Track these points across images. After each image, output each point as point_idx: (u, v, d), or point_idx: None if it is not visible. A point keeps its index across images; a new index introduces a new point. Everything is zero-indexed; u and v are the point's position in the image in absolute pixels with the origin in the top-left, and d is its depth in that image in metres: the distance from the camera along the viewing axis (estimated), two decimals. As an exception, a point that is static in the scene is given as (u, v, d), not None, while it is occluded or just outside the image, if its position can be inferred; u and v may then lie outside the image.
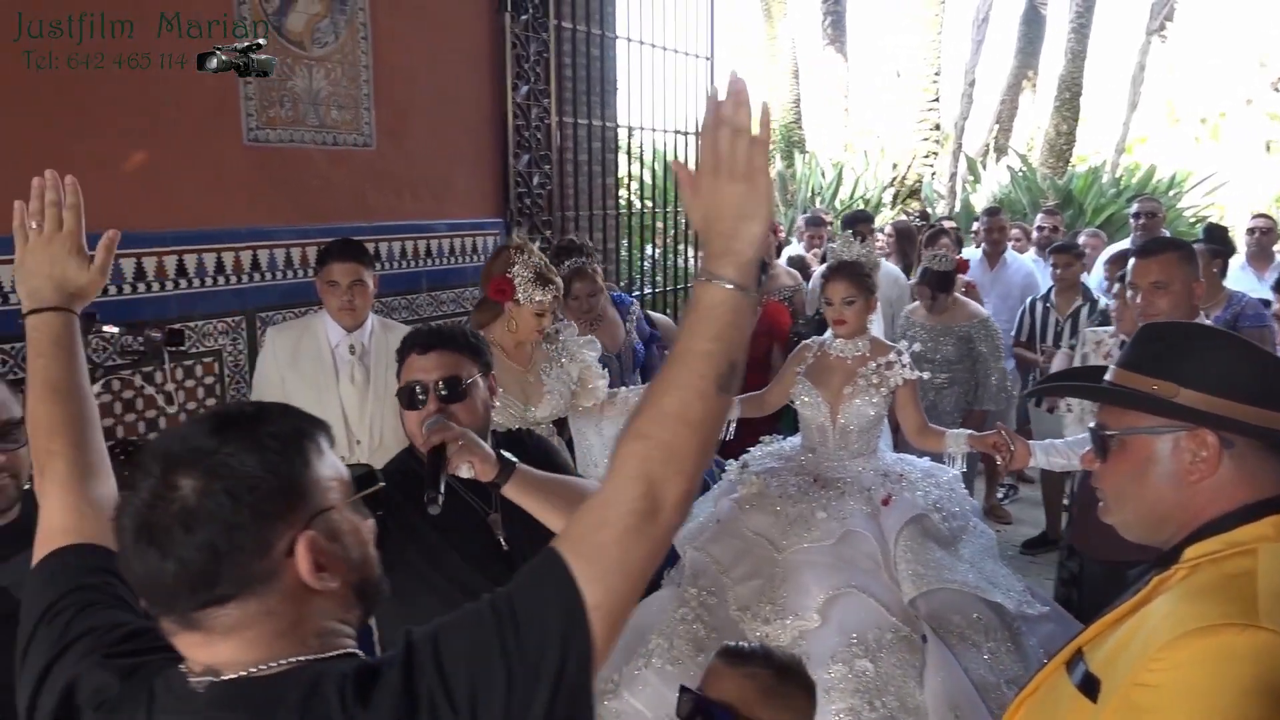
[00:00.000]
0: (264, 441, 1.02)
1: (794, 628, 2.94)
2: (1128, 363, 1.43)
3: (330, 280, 3.29)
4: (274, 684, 1.00)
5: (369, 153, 4.17)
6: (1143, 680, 1.18)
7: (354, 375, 3.35)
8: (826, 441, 3.45)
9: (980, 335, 4.93)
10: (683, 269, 6.65)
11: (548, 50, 5.03)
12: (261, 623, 1.01)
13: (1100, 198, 11.61)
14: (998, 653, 2.94)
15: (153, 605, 1.02)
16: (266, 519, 1.00)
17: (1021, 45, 15.90)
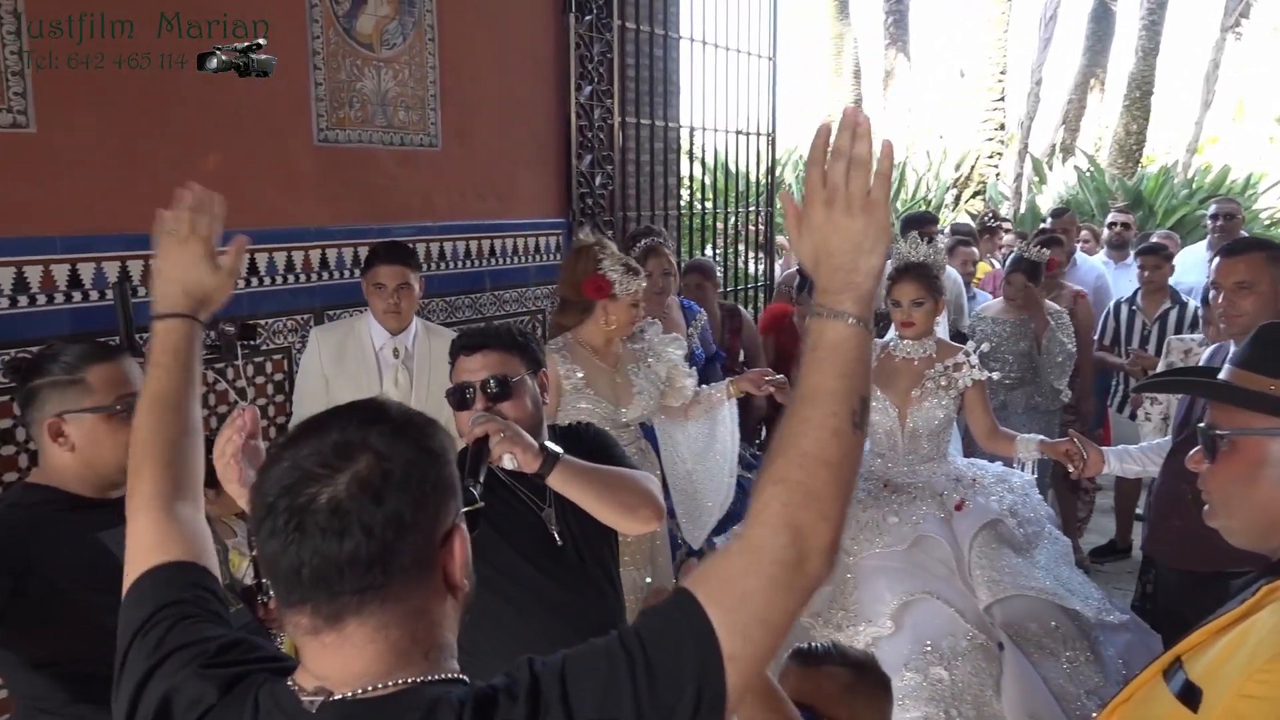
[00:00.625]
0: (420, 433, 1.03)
1: (867, 634, 2.89)
2: (1245, 362, 1.40)
3: (377, 283, 3.29)
4: (387, 706, 0.97)
5: (435, 153, 4.21)
6: (1249, 692, 1.15)
7: (398, 379, 3.35)
8: (896, 447, 3.40)
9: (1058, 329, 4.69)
10: (742, 270, 6.62)
11: (611, 51, 5.04)
12: (409, 622, 0.99)
13: (1172, 199, 11.32)
14: (1076, 662, 2.87)
15: (302, 596, 0.97)
16: (441, 501, 1.01)
17: (1090, 43, 15.58)
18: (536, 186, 4.81)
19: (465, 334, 2.14)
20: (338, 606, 0.96)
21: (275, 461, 1.00)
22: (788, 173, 13.02)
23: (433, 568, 1.01)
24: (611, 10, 5.00)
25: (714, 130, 5.99)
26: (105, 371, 1.86)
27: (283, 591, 0.98)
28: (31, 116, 2.91)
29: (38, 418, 1.83)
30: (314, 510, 0.95)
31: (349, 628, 0.97)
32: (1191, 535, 1.41)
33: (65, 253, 3.03)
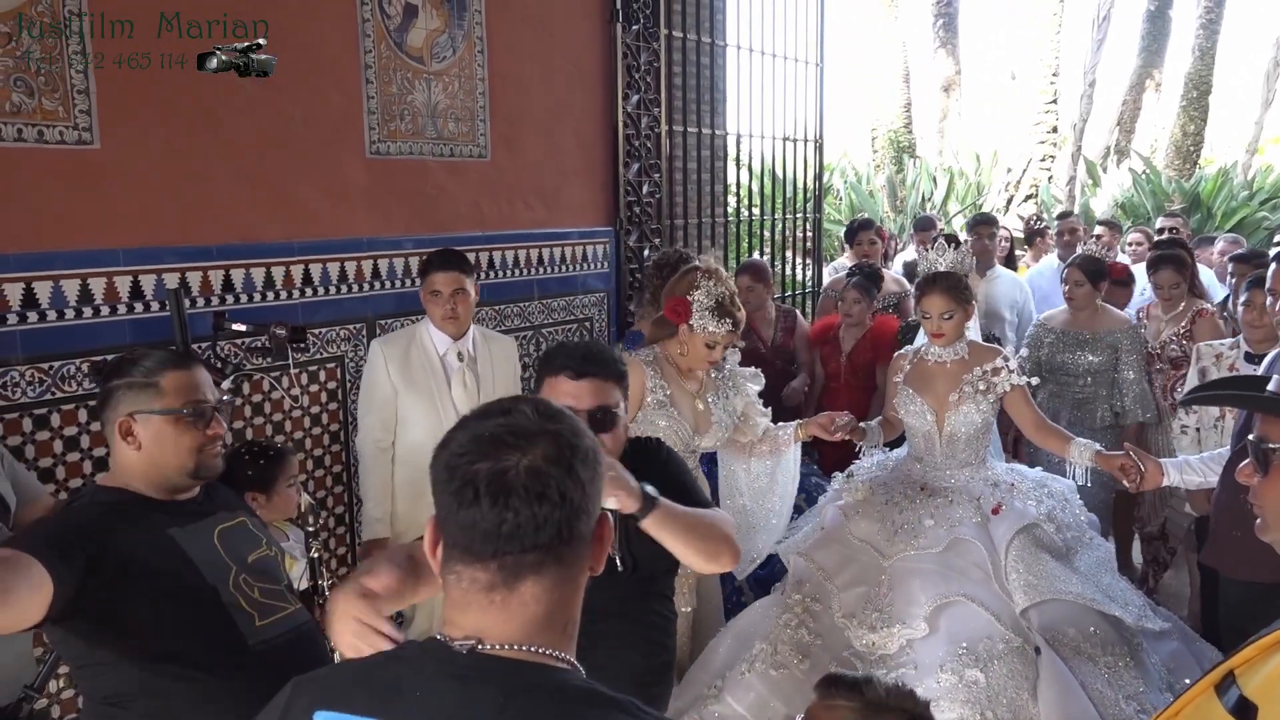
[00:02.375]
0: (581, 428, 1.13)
1: (901, 636, 2.92)
2: None
3: (434, 290, 3.34)
4: (527, 669, 1.06)
5: (484, 164, 4.26)
6: None
7: (465, 382, 3.41)
8: (934, 450, 3.38)
9: (1128, 342, 4.47)
10: (790, 276, 6.60)
11: (658, 59, 5.06)
12: (565, 589, 1.09)
13: (1231, 200, 11.09)
14: (1116, 668, 2.85)
15: (494, 549, 1.05)
16: (600, 487, 1.13)
17: (1145, 44, 15.30)
18: (584, 195, 4.84)
19: (568, 354, 2.09)
20: (524, 563, 1.06)
21: (459, 433, 1.10)
22: (836, 179, 12.95)
23: (591, 545, 1.12)
24: (658, 19, 5.03)
25: (761, 137, 5.98)
26: (179, 378, 1.94)
27: (472, 548, 1.06)
28: (96, 133, 3.00)
29: (111, 417, 1.91)
30: (516, 473, 1.04)
31: (524, 585, 1.06)
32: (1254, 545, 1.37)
33: (127, 265, 3.12)
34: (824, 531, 3.33)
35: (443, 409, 3.37)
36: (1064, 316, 4.68)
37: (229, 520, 2.01)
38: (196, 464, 1.93)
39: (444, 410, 3.37)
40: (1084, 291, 4.52)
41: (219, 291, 3.36)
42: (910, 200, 12.46)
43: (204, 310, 3.27)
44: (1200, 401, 2.86)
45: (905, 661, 2.85)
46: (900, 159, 14.09)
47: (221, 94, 3.28)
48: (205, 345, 3.21)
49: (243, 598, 1.91)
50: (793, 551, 3.33)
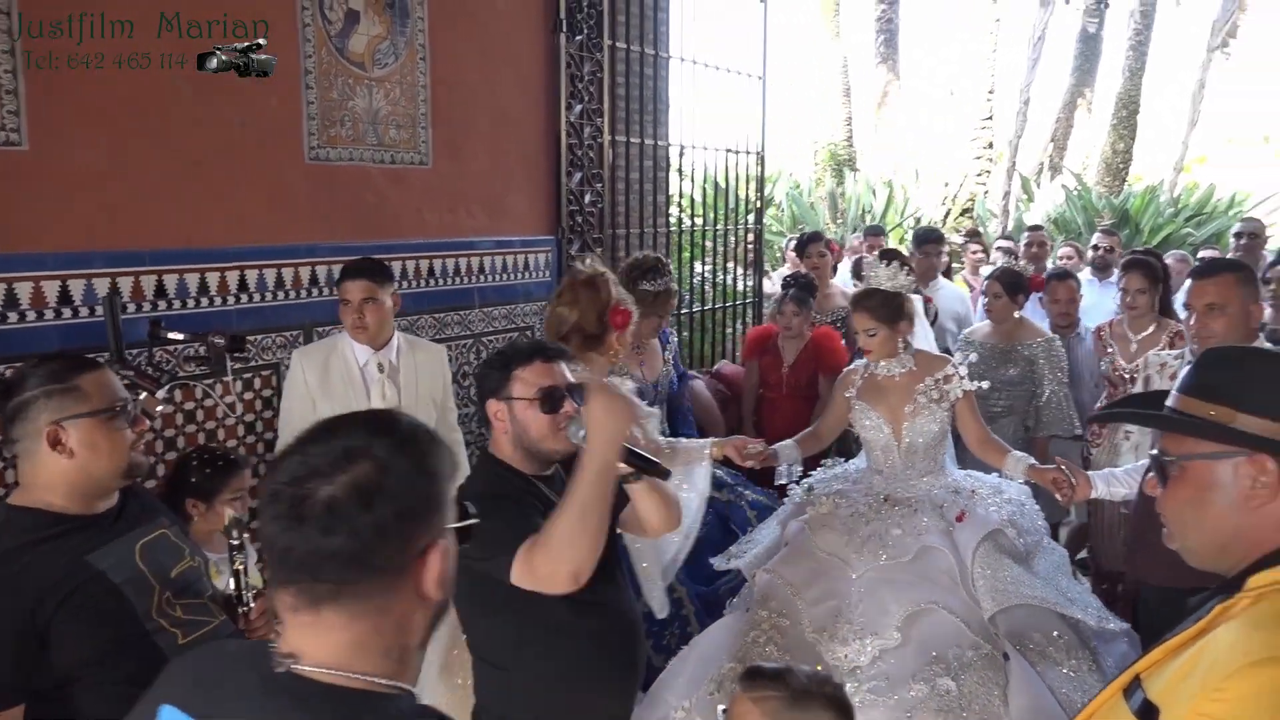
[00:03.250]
0: (423, 450, 1.13)
1: (874, 647, 2.89)
2: (1187, 388, 1.41)
3: (344, 299, 3.30)
4: (339, 695, 1.06)
5: (426, 171, 4.25)
6: (1205, 710, 1.17)
7: (385, 393, 3.37)
8: (893, 462, 3.41)
9: (1044, 356, 4.58)
10: (732, 287, 6.66)
11: (601, 70, 5.09)
12: (375, 617, 1.08)
13: (1158, 217, 11.42)
14: (1079, 671, 2.89)
15: (288, 577, 1.07)
16: (423, 516, 1.10)
17: (1077, 64, 15.72)
18: (526, 204, 4.84)
19: (531, 343, 2.32)
20: (318, 592, 1.06)
21: (289, 453, 1.10)
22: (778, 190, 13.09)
23: (408, 575, 1.10)
24: (601, 30, 5.05)
25: (704, 148, 6.04)
26: (96, 378, 1.89)
27: (274, 570, 1.08)
28: (24, 134, 2.93)
29: (30, 430, 1.83)
30: (312, 503, 1.05)
31: (324, 612, 1.07)
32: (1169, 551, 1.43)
33: (56, 269, 3.06)
34: (789, 546, 3.32)
35: None
36: (986, 329, 4.80)
37: (148, 534, 1.95)
38: (130, 464, 1.91)
39: None
40: (1002, 304, 4.65)
41: (152, 297, 3.30)
42: (850, 212, 12.64)
43: (136, 316, 3.22)
44: (1104, 419, 2.95)
45: (877, 674, 2.84)
46: (841, 172, 14.29)
47: (157, 96, 3.23)
48: (138, 353, 3.16)
49: (166, 620, 1.87)
50: (757, 567, 3.32)
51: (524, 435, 2.19)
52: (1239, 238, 6.39)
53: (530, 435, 2.18)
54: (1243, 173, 19.48)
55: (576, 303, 3.20)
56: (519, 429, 2.19)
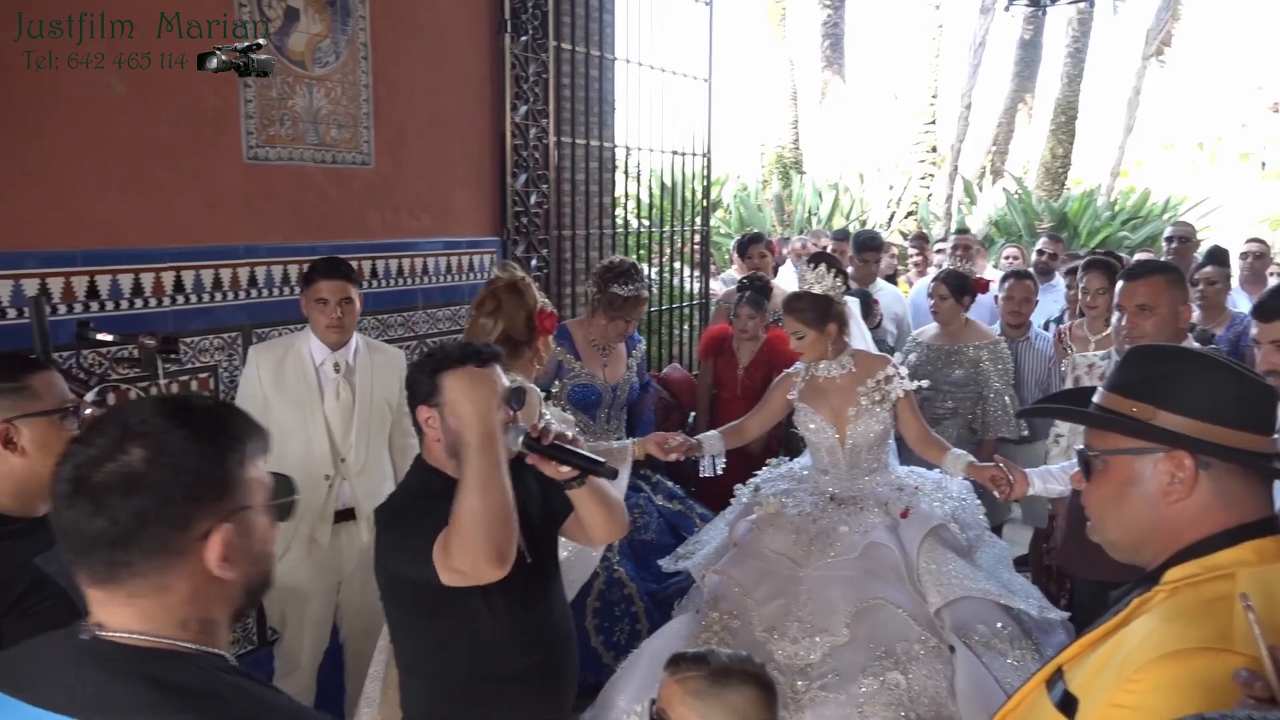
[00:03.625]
0: (214, 433, 1.15)
1: (824, 644, 2.94)
2: (1113, 385, 1.44)
3: (319, 298, 3.29)
4: (137, 653, 1.11)
5: (368, 171, 4.21)
6: (1119, 701, 1.19)
7: (339, 392, 3.36)
8: (838, 462, 3.46)
9: (990, 357, 4.64)
10: (679, 288, 6.68)
11: (546, 71, 5.07)
12: (157, 595, 1.12)
13: (1095, 221, 11.68)
14: (1024, 661, 2.95)
15: (71, 555, 1.13)
16: (196, 501, 1.13)
17: (1018, 69, 16.03)
18: (471, 205, 4.81)
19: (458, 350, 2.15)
20: (94, 572, 1.12)
21: (80, 438, 1.15)
22: (725, 193, 13.17)
23: (188, 556, 1.13)
24: (547, 31, 5.04)
25: (650, 150, 6.05)
26: (45, 378, 1.90)
27: (64, 548, 1.14)
28: (-52, 131, 2.85)
29: None
30: (82, 487, 1.10)
31: (108, 588, 1.12)
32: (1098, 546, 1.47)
33: (-18, 269, 2.98)
34: (738, 547, 3.35)
35: (313, 420, 3.31)
36: (933, 331, 4.85)
37: None
38: None
39: (314, 422, 3.31)
40: (948, 305, 4.70)
41: (83, 298, 3.23)
42: (797, 215, 12.75)
43: (66, 318, 3.14)
44: (1032, 414, 3.01)
45: (827, 670, 2.88)
46: (788, 174, 14.41)
47: (87, 92, 3.16)
48: (68, 355, 3.09)
49: None
50: (707, 569, 3.34)
51: (457, 444, 2.08)
52: (1170, 241, 6.56)
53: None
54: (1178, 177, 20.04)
55: (501, 310, 3.12)
56: (451, 437, 2.08)
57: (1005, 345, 4.72)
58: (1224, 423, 1.32)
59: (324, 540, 3.36)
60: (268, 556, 1.24)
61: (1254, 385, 1.37)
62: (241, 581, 1.18)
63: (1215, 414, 1.32)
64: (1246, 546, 1.29)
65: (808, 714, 2.77)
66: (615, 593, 3.79)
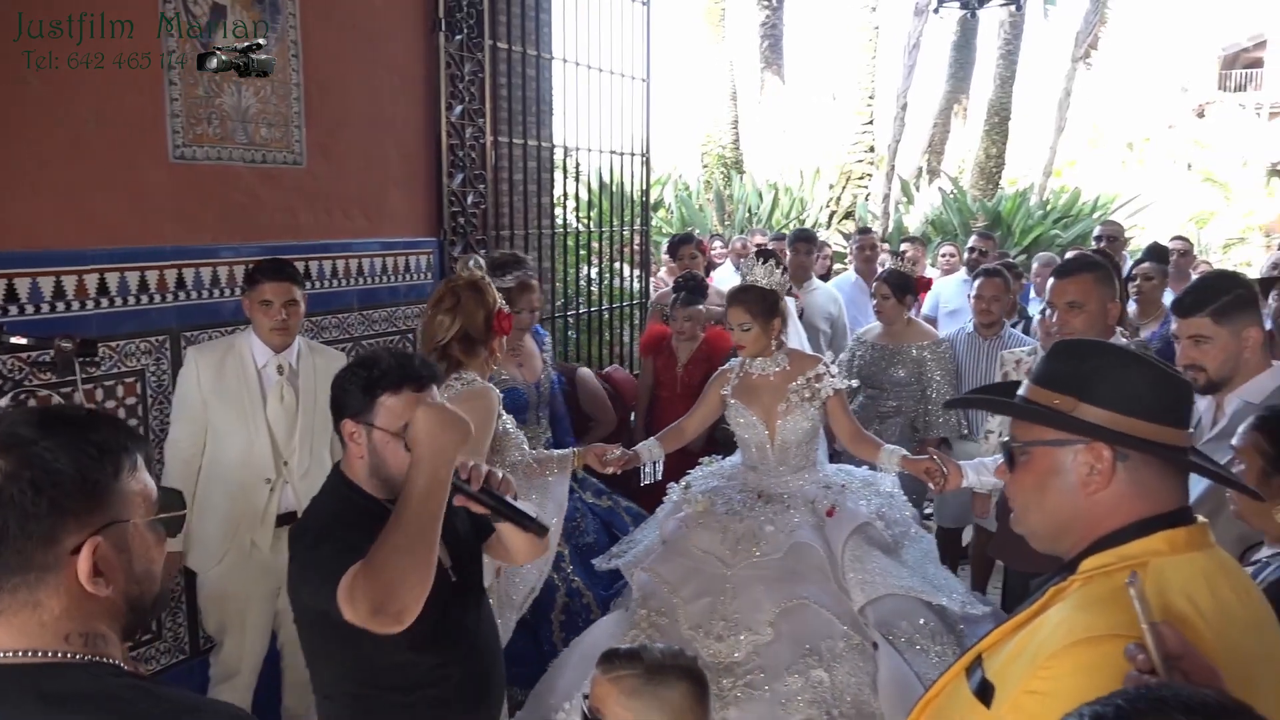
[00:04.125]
0: (82, 444, 1.11)
1: (748, 642, 2.96)
2: (1037, 378, 1.46)
3: (263, 300, 3.25)
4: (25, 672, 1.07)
5: (299, 170, 4.13)
6: (1032, 687, 1.21)
7: (283, 395, 3.31)
8: (767, 459, 3.48)
9: (933, 357, 4.68)
10: (619, 289, 6.68)
11: (482, 70, 5.04)
12: (30, 611, 1.09)
13: (1028, 219, 11.92)
14: (945, 656, 3.00)
15: None
16: (62, 515, 1.09)
17: (953, 71, 16.32)
18: (407, 205, 4.76)
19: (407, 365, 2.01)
20: None
21: None
22: (667, 192, 13.20)
23: (58, 570, 1.10)
24: (482, 30, 5.00)
25: (589, 150, 6.04)
26: None
27: None
28: None
29: None
30: None
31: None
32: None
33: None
34: (666, 545, 3.37)
35: (254, 423, 3.25)
36: (878, 330, 4.89)
37: None
38: None
39: (256, 424, 3.25)
40: (890, 305, 4.74)
41: (1, 301, 3.12)
42: (738, 214, 12.82)
43: (-15, 321, 3.04)
44: (958, 405, 3.06)
45: (753, 667, 2.91)
46: (728, 174, 14.48)
47: (9, 91, 3.06)
48: (-14, 357, 2.99)
49: None
50: (636, 567, 3.35)
51: (381, 467, 1.98)
52: (1099, 240, 6.72)
53: (389, 469, 1.97)
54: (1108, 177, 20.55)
55: (459, 308, 3.09)
56: (377, 459, 1.98)
57: (949, 345, 4.77)
58: (1141, 416, 1.35)
59: (265, 545, 3.30)
60: (151, 574, 1.19)
61: (1170, 380, 1.40)
62: (121, 598, 1.15)
63: (1133, 407, 1.35)
64: (1159, 537, 1.32)
65: (732, 711, 2.80)
66: (576, 603, 3.80)
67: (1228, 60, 26.18)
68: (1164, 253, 6.13)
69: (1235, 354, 2.58)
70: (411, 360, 2.04)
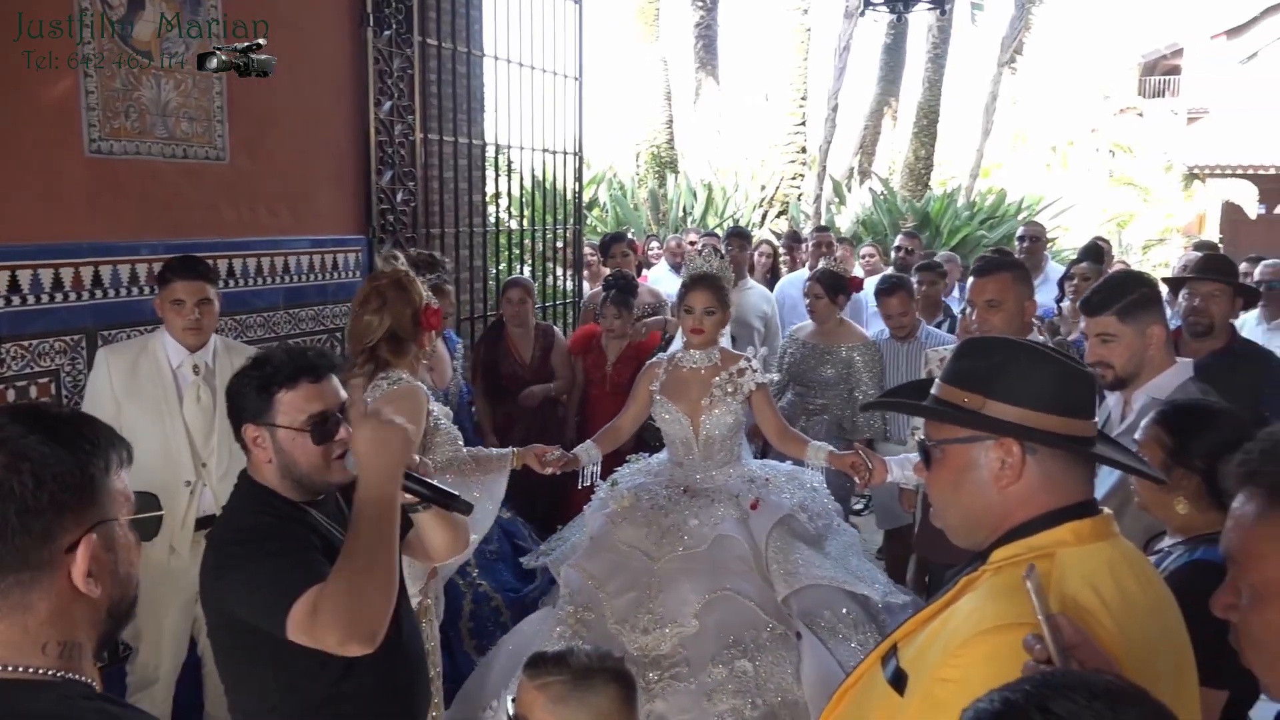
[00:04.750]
0: (76, 439, 1.08)
1: (673, 635, 2.99)
2: (947, 377, 1.49)
3: (175, 299, 3.17)
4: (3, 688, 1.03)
5: (222, 166, 4.06)
6: (944, 675, 1.24)
7: (199, 396, 3.24)
8: (692, 454, 3.52)
9: (862, 358, 4.71)
10: (553, 287, 6.67)
11: (412, 66, 4.99)
12: (17, 615, 1.05)
13: (955, 220, 12.14)
14: (867, 645, 3.05)
15: None
16: (60, 510, 1.06)
17: (883, 73, 16.56)
18: (334, 202, 4.70)
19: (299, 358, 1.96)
20: None
21: None
22: (601, 191, 13.20)
23: (55, 570, 1.07)
24: (412, 26, 4.96)
25: (521, 148, 6.02)
26: None
27: None
28: None
29: None
30: None
31: None
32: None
33: None
34: (593, 541, 3.38)
35: (171, 424, 3.18)
36: (809, 329, 4.95)
37: None
38: None
39: (172, 425, 3.18)
40: (822, 304, 4.79)
41: (-95, 300, 3.03)
42: (672, 213, 12.87)
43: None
44: (872, 407, 3.11)
45: (678, 659, 2.94)
46: (663, 173, 14.52)
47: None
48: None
49: None
50: (563, 563, 3.36)
51: (292, 467, 1.92)
52: (1022, 241, 6.88)
53: (300, 468, 1.92)
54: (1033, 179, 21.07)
55: (386, 307, 3.01)
56: (285, 460, 1.91)
57: (878, 346, 4.83)
58: (1047, 410, 1.38)
59: (184, 549, 3.23)
60: (131, 578, 1.16)
61: (1075, 373, 1.44)
62: (105, 602, 1.11)
63: (1039, 402, 1.38)
64: (1066, 528, 1.35)
65: (659, 704, 2.83)
66: (484, 608, 3.80)
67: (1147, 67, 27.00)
68: (1101, 252, 6.30)
69: (1140, 351, 2.67)
70: (305, 353, 1.99)
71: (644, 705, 2.82)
